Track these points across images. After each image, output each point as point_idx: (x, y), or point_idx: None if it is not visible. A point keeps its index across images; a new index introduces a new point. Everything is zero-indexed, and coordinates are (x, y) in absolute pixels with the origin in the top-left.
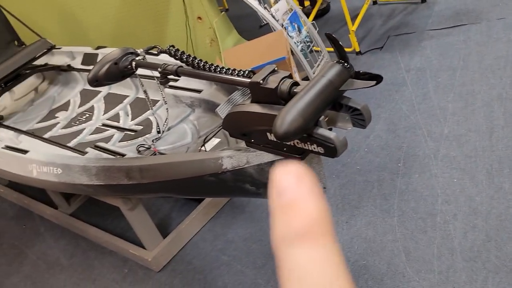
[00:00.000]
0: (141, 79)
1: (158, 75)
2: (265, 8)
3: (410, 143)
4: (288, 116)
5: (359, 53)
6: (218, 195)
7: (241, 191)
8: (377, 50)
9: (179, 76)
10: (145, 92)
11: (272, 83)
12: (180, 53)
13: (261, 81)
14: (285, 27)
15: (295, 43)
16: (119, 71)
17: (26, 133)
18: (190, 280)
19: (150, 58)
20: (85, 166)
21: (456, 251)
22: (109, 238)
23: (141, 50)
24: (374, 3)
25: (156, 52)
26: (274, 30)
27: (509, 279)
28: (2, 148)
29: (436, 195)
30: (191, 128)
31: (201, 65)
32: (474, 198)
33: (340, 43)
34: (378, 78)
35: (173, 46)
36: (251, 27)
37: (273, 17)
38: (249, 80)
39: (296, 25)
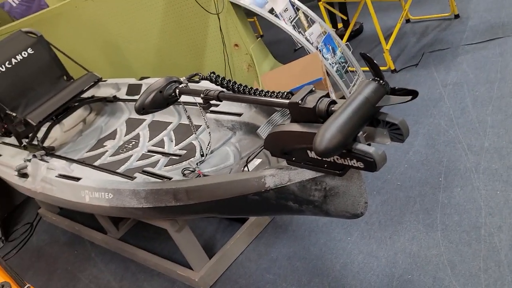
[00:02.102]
0: (185, 105)
1: (200, 101)
2: (299, 32)
3: (450, 157)
4: (327, 133)
5: (394, 71)
6: (262, 213)
7: (284, 209)
8: (413, 67)
9: (221, 101)
10: (188, 117)
11: (310, 102)
12: (220, 78)
13: (299, 101)
14: (319, 49)
15: (330, 64)
16: (164, 99)
17: (77, 162)
18: None
19: (191, 85)
20: (135, 190)
21: (503, 264)
22: (157, 260)
23: (184, 78)
24: (407, 21)
25: (197, 79)
26: (309, 53)
27: None
28: (56, 176)
29: (479, 208)
30: (233, 150)
31: (241, 89)
32: None
33: (374, 61)
34: (413, 93)
35: (213, 73)
36: (285, 51)
37: (308, 40)
38: (288, 101)
39: (330, 47)
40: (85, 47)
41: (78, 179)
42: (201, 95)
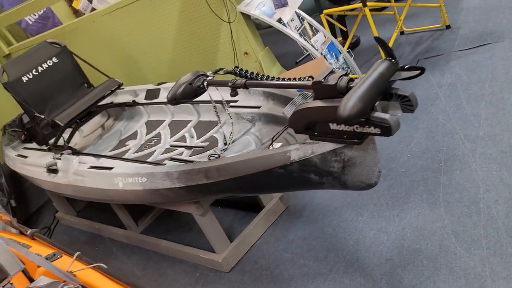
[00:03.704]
0: (210, 96)
1: (220, 98)
2: (305, 40)
3: (449, 146)
4: (350, 102)
5: None
6: (285, 188)
7: (305, 182)
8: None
9: (248, 88)
10: (214, 107)
11: (332, 80)
12: (244, 71)
13: (322, 80)
14: (324, 55)
15: (334, 68)
16: (193, 90)
17: (105, 156)
18: (258, 276)
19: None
20: (168, 172)
21: (501, 230)
22: (179, 247)
23: (210, 72)
24: (402, 33)
25: (222, 73)
26: (314, 58)
27: None
28: (88, 168)
29: (478, 186)
30: (254, 139)
31: (264, 78)
32: None
33: (386, 43)
34: (421, 69)
35: (237, 67)
36: (288, 64)
37: (313, 47)
38: (309, 82)
39: (334, 54)
40: (102, 59)
41: (110, 168)
42: (229, 84)
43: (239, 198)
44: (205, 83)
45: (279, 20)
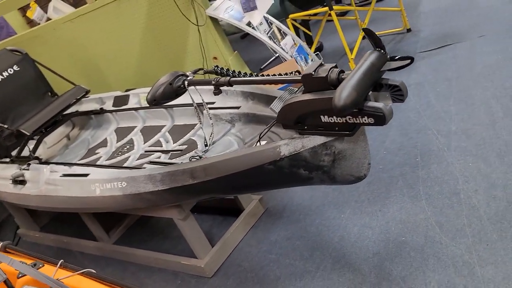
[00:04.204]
0: (196, 91)
1: (199, 101)
2: (275, 43)
3: (423, 141)
4: (344, 92)
5: None
6: (274, 185)
7: (294, 178)
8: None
9: (232, 86)
10: (195, 108)
11: (322, 72)
12: (226, 70)
13: (313, 73)
14: (294, 58)
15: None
16: (173, 91)
17: (78, 164)
18: (244, 279)
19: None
20: (150, 175)
21: (483, 218)
22: (158, 256)
23: (189, 72)
24: (364, 38)
25: (202, 73)
26: (285, 61)
27: None
28: (61, 176)
29: (456, 178)
30: (235, 139)
31: (247, 76)
32: (490, 175)
33: (376, 34)
34: (410, 59)
35: (217, 66)
36: (253, 71)
37: (284, 50)
38: (299, 76)
39: (303, 57)
40: (64, 68)
41: (85, 175)
42: (213, 82)
43: (216, 203)
44: (186, 83)
45: (248, 24)
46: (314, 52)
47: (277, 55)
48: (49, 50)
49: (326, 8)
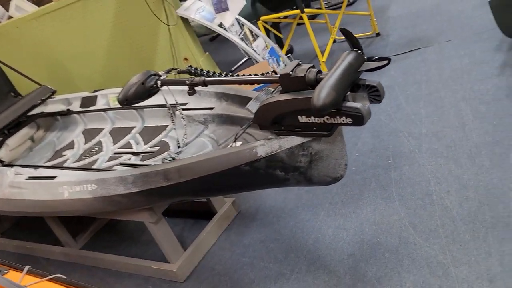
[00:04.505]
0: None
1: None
2: (246, 44)
3: (394, 143)
4: (323, 91)
5: None
6: (250, 186)
7: (271, 179)
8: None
9: (207, 86)
10: (169, 108)
11: (300, 72)
12: (200, 70)
13: (290, 72)
14: (266, 59)
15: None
16: (146, 90)
17: (44, 166)
18: (217, 283)
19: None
20: (122, 177)
21: (456, 219)
22: (128, 260)
23: (162, 72)
24: (334, 41)
25: (175, 73)
26: (257, 62)
27: (505, 232)
28: (26, 179)
29: (428, 179)
30: (208, 140)
31: (222, 75)
32: (461, 176)
33: (353, 34)
34: (387, 59)
35: (191, 66)
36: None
37: (255, 51)
38: (276, 76)
39: (275, 59)
40: (27, 68)
41: (53, 177)
42: (187, 81)
43: (187, 206)
44: (159, 82)
45: (220, 25)
46: (285, 55)
47: (247, 57)
48: (12, 49)
49: (298, 11)
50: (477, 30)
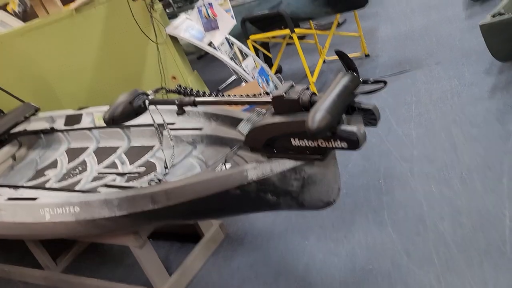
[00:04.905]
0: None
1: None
2: (236, 64)
3: (386, 166)
4: (318, 114)
5: None
6: (239, 210)
7: (261, 204)
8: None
9: (196, 106)
10: (156, 129)
11: (294, 94)
12: (189, 89)
13: (284, 94)
14: (256, 80)
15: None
16: (133, 110)
17: (24, 187)
18: None
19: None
20: (106, 199)
21: (450, 246)
22: (111, 285)
23: (150, 91)
24: (323, 62)
25: (164, 93)
26: (246, 82)
27: (501, 260)
28: (5, 200)
29: (421, 203)
30: (197, 161)
31: (212, 95)
32: (454, 201)
33: (348, 56)
34: (383, 82)
35: (180, 85)
36: (211, 91)
37: (245, 71)
38: (269, 98)
39: (264, 78)
40: (11, 84)
41: (34, 198)
42: (176, 101)
43: (173, 228)
44: (147, 102)
45: (209, 44)
46: (275, 74)
47: (234, 77)
48: None
49: (287, 31)
50: (466, 52)
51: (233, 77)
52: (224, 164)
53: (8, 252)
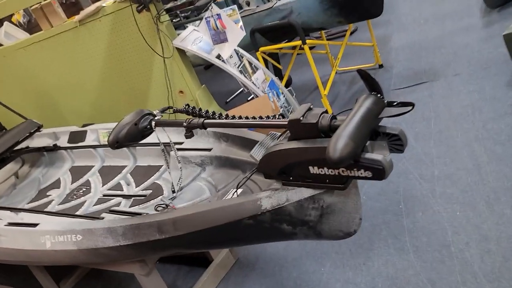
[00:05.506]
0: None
1: (165, 140)
2: (245, 77)
3: (405, 186)
4: (340, 141)
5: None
6: (252, 240)
7: (276, 234)
8: (349, 111)
9: (206, 128)
10: (163, 150)
11: (312, 118)
12: (198, 110)
13: (301, 118)
14: (266, 93)
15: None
16: (139, 131)
17: (25, 210)
18: None
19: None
20: (110, 228)
21: (478, 275)
22: None
23: (157, 111)
24: (337, 73)
25: (171, 112)
26: (256, 97)
27: None
28: (5, 225)
29: (444, 228)
30: (206, 185)
31: (222, 118)
32: (481, 226)
33: (372, 76)
34: (411, 104)
35: (188, 105)
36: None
37: (255, 84)
38: (284, 121)
39: (275, 92)
40: (14, 99)
41: (35, 224)
42: (184, 123)
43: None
44: (153, 123)
45: (218, 57)
46: (285, 87)
47: (246, 90)
48: None
49: (298, 42)
50: (485, 64)
51: (241, 89)
52: (236, 190)
53: (11, 275)
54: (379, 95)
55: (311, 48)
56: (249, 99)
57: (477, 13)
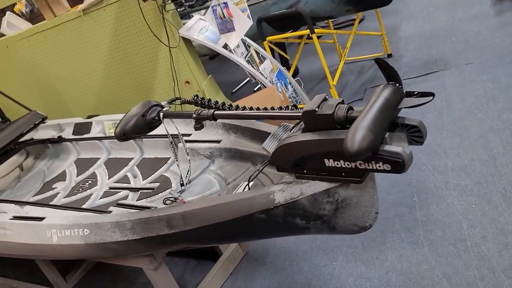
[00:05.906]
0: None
1: (173, 132)
2: (253, 67)
3: (418, 178)
4: (358, 134)
5: None
6: (264, 235)
7: (289, 228)
8: (358, 102)
9: (216, 120)
10: (171, 142)
11: (327, 109)
12: (207, 101)
13: (316, 109)
14: (274, 84)
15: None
16: (147, 123)
17: (31, 203)
18: None
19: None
20: (118, 222)
21: (496, 270)
22: None
23: (164, 102)
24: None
25: (179, 103)
26: (264, 87)
27: None
28: (10, 219)
29: (459, 221)
30: (215, 177)
31: (232, 109)
32: (497, 219)
33: (390, 65)
34: (431, 94)
35: (197, 96)
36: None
37: (262, 75)
38: (299, 112)
39: (282, 82)
40: (17, 90)
41: (41, 218)
42: (193, 115)
43: None
44: (161, 114)
45: (225, 46)
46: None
47: (247, 79)
48: (0, 71)
49: (306, 31)
50: (499, 52)
51: (247, 79)
52: (248, 184)
53: (17, 268)
54: (397, 84)
55: (318, 37)
56: (255, 89)
57: (488, 1)
